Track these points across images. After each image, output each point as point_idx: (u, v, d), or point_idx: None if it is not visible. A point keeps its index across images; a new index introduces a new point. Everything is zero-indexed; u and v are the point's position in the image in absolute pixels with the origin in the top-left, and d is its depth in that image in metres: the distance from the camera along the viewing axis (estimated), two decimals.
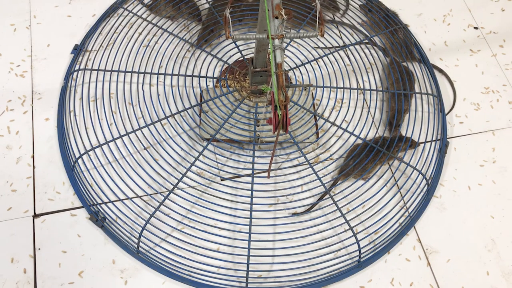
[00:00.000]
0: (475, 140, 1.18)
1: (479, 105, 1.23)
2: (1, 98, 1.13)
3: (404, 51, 1.24)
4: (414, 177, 1.09)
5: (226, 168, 1.07)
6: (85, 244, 0.98)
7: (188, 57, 1.20)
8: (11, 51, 1.20)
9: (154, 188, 1.03)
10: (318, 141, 1.10)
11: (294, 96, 1.11)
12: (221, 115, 1.09)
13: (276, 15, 0.73)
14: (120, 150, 1.06)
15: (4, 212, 1.00)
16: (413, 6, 1.37)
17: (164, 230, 0.99)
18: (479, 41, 1.33)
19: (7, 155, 1.07)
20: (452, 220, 1.07)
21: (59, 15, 1.26)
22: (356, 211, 1.04)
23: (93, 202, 1.01)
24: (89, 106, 1.11)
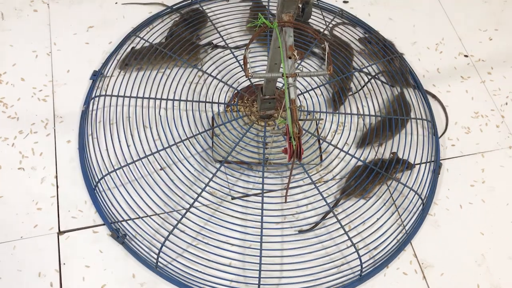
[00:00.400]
0: (466, 161, 1.27)
1: (469, 128, 1.33)
2: (25, 121, 1.21)
3: (400, 78, 1.33)
4: (410, 197, 1.18)
5: (236, 187, 1.16)
6: (107, 259, 1.06)
7: (200, 83, 1.29)
8: (33, 76, 1.27)
9: (170, 206, 1.11)
10: (321, 163, 1.19)
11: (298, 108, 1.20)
12: (232, 138, 1.17)
13: (289, 56, 0.82)
14: (139, 170, 1.14)
15: (30, 229, 1.08)
16: (407, 34, 1.47)
17: (180, 245, 1.07)
18: (469, 68, 1.43)
19: (32, 175, 1.14)
20: (446, 236, 1.16)
21: (78, 42, 1.34)
22: (357, 228, 1.12)
23: (114, 220, 1.09)
24: (110, 129, 1.19)
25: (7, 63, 1.29)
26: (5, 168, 1.14)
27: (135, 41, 1.34)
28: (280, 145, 1.18)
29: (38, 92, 1.25)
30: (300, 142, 0.77)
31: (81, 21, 1.37)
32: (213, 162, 1.18)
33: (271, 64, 1.01)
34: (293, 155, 0.77)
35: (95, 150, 1.16)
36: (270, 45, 0.97)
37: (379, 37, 1.40)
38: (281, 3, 0.84)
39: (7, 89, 1.25)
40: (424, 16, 1.51)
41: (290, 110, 0.79)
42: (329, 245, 1.09)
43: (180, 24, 1.34)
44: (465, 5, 1.55)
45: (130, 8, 1.41)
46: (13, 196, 1.11)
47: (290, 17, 0.85)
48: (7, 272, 1.02)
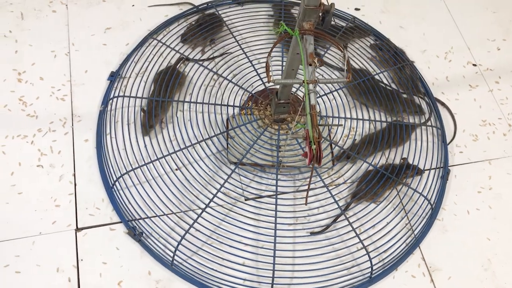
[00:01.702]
0: (473, 168, 1.30)
1: (477, 136, 1.35)
2: (44, 119, 1.23)
3: (410, 85, 1.36)
4: (419, 202, 1.20)
5: (249, 189, 1.18)
6: (123, 256, 1.08)
7: (215, 86, 1.32)
8: (52, 76, 1.30)
9: (186, 205, 1.14)
10: (333, 167, 1.22)
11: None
12: (247, 140, 1.20)
13: (310, 63, 0.85)
14: (156, 169, 1.16)
15: (49, 226, 1.10)
16: (418, 43, 1.50)
17: (196, 244, 1.09)
18: (477, 77, 1.46)
19: (51, 172, 1.17)
20: (453, 241, 1.19)
21: (96, 43, 1.37)
22: (367, 231, 1.15)
23: (131, 218, 1.11)
24: (127, 129, 1.21)
25: (26, 62, 1.31)
26: (24, 165, 1.17)
27: (151, 43, 1.37)
28: (293, 148, 1.21)
29: (57, 92, 1.28)
30: (320, 146, 0.80)
31: (98, 22, 1.40)
32: (227, 163, 1.20)
33: (288, 69, 1.04)
34: (313, 159, 0.80)
35: (113, 149, 1.19)
36: (289, 52, 1.00)
37: (390, 44, 1.43)
38: (303, 11, 0.87)
39: (27, 88, 1.27)
40: (433, 25, 1.54)
41: (310, 115, 0.82)
42: (339, 247, 1.12)
43: (195, 28, 1.37)
44: (474, 15, 1.58)
45: (146, 11, 1.44)
46: (32, 193, 1.14)
47: (311, 25, 0.88)
48: (26, 267, 1.05)
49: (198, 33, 1.35)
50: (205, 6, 1.44)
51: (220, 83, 1.32)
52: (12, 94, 1.26)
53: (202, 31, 1.35)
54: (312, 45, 0.87)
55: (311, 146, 0.80)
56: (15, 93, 1.26)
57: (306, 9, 0.86)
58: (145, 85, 1.29)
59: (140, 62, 1.33)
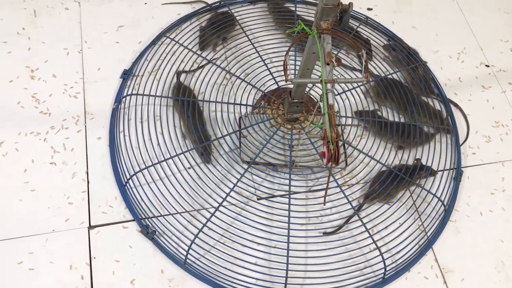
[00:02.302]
0: (486, 170, 1.29)
1: (490, 137, 1.35)
2: (57, 117, 1.23)
3: (423, 86, 1.36)
4: (432, 203, 1.20)
5: (262, 188, 1.18)
6: (136, 254, 1.08)
7: (228, 85, 1.31)
8: (64, 73, 1.30)
9: (199, 203, 1.14)
10: (346, 168, 1.21)
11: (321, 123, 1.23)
12: (259, 140, 1.20)
13: (327, 62, 0.85)
14: (169, 167, 1.16)
15: (62, 223, 1.10)
16: (430, 43, 1.49)
17: (208, 242, 1.09)
18: (490, 78, 1.46)
19: (64, 170, 1.17)
20: (466, 242, 1.18)
21: (108, 41, 1.37)
22: (380, 232, 1.14)
23: (144, 216, 1.11)
24: (141, 127, 1.21)
25: (39, 60, 1.31)
26: (37, 163, 1.17)
27: (164, 41, 1.36)
28: (306, 148, 1.21)
29: (69, 89, 1.28)
30: (338, 146, 0.79)
31: (111, 20, 1.40)
32: (240, 162, 1.20)
33: (304, 69, 1.04)
34: (331, 159, 0.79)
35: (126, 147, 1.19)
36: (304, 51, 1.00)
37: (404, 45, 1.42)
38: (321, 10, 0.87)
39: (40, 85, 1.28)
40: (446, 26, 1.54)
41: (328, 115, 0.81)
42: (352, 248, 1.12)
43: (208, 27, 1.36)
44: (487, 16, 1.57)
45: (158, 9, 1.44)
46: (45, 190, 1.14)
47: (329, 25, 0.88)
48: (39, 264, 1.05)
49: (211, 32, 1.35)
50: (217, 4, 1.43)
51: (232, 82, 1.32)
52: (25, 91, 1.26)
53: (215, 29, 1.35)
54: (330, 44, 0.87)
55: (329, 146, 0.79)
56: (28, 90, 1.26)
57: (325, 8, 0.85)
58: (158, 83, 1.29)
59: (153, 60, 1.33)
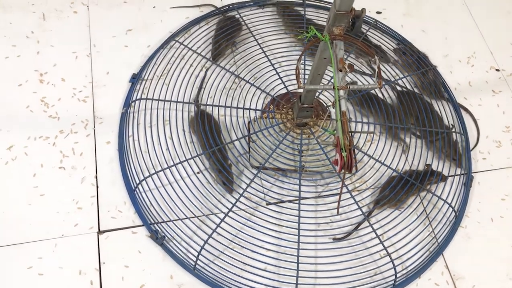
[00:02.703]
0: (497, 175, 1.28)
1: (500, 142, 1.34)
2: (66, 121, 1.23)
3: (433, 90, 1.35)
4: (443, 209, 1.19)
5: (271, 193, 1.17)
6: (146, 260, 1.08)
7: (235, 88, 1.31)
8: (73, 77, 1.30)
9: (208, 208, 1.13)
10: (356, 173, 1.20)
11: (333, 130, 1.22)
12: (269, 144, 1.19)
13: (340, 68, 0.84)
14: (179, 172, 1.16)
15: (71, 228, 1.10)
16: (439, 47, 1.48)
17: (218, 248, 1.09)
18: (500, 83, 1.45)
19: (73, 174, 1.17)
20: (477, 248, 1.17)
21: (117, 44, 1.36)
22: (390, 238, 1.13)
23: (153, 221, 1.11)
24: (150, 131, 1.21)
25: (48, 63, 1.31)
26: (46, 167, 1.17)
27: (173, 45, 1.36)
28: (316, 153, 1.20)
29: (78, 93, 1.28)
30: (351, 154, 0.79)
31: (120, 24, 1.40)
32: (249, 167, 1.20)
33: (314, 74, 1.03)
34: (344, 167, 0.79)
35: (137, 151, 1.18)
36: (315, 56, 0.99)
37: (414, 49, 1.41)
38: (333, 16, 0.86)
39: (48, 89, 1.27)
40: (456, 29, 1.53)
41: (341, 122, 0.81)
42: (363, 254, 1.11)
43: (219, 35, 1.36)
44: (497, 19, 1.56)
45: (167, 13, 1.43)
46: (54, 195, 1.13)
47: (341, 30, 0.87)
48: (49, 269, 1.05)
49: (223, 39, 1.34)
50: (226, 8, 1.43)
51: (241, 86, 1.31)
52: (34, 95, 1.26)
53: (223, 34, 1.34)
54: (342, 50, 0.86)
55: (342, 154, 0.79)
56: (37, 94, 1.26)
57: (337, 14, 0.85)
58: (168, 87, 1.28)
59: (162, 65, 1.33)
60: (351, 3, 0.83)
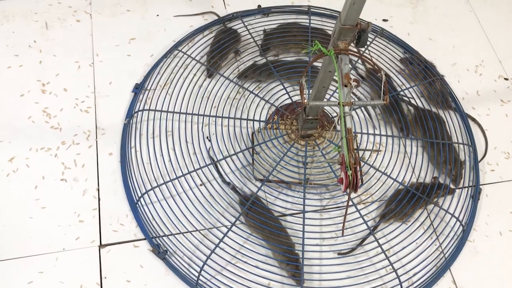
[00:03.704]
0: (505, 187, 1.26)
1: (509, 154, 1.31)
2: (68, 132, 1.22)
3: (440, 100, 1.32)
4: (451, 223, 1.16)
5: (275, 206, 1.15)
6: (147, 274, 1.06)
7: (239, 99, 1.29)
8: (76, 87, 1.29)
9: (210, 222, 1.11)
10: (362, 185, 1.18)
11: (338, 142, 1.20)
12: (273, 156, 1.17)
13: (345, 84, 0.82)
14: (181, 184, 1.14)
15: (72, 241, 1.09)
16: (447, 55, 1.46)
17: (220, 263, 1.07)
18: (509, 92, 1.42)
19: (74, 186, 1.15)
20: (485, 263, 1.15)
21: (120, 54, 1.35)
22: (397, 253, 1.11)
23: (155, 235, 1.09)
24: (153, 142, 1.19)
25: (50, 73, 1.30)
26: (48, 179, 1.16)
27: (176, 55, 1.34)
28: (321, 165, 1.18)
29: (81, 103, 1.27)
30: (357, 172, 0.77)
31: (123, 32, 1.38)
32: (252, 179, 1.18)
33: (319, 86, 1.01)
34: (349, 186, 0.77)
35: (139, 163, 1.17)
36: (320, 69, 0.97)
37: (421, 58, 1.39)
38: (338, 30, 0.84)
39: (50, 99, 1.26)
40: (464, 37, 1.50)
41: (346, 139, 0.79)
42: (369, 270, 1.09)
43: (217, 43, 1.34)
44: (506, 27, 1.54)
45: (171, 21, 1.42)
46: (56, 208, 1.12)
47: (346, 45, 0.85)
48: (49, 283, 1.04)
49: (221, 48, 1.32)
50: (230, 16, 1.41)
51: (245, 96, 1.30)
52: (36, 106, 1.25)
53: (224, 45, 1.32)
54: (348, 65, 0.84)
55: (347, 172, 0.77)
56: (39, 104, 1.25)
57: (343, 28, 0.83)
58: (170, 98, 1.27)
59: (166, 74, 1.31)
60: (357, 17, 0.81)
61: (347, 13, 0.80)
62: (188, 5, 1.45)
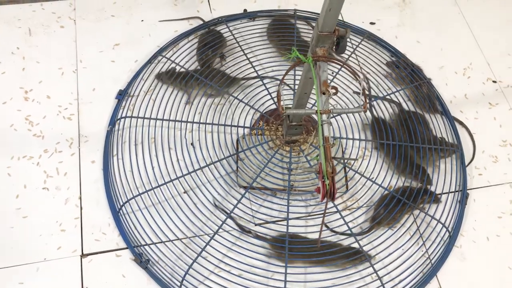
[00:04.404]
0: (493, 192, 1.25)
1: (497, 157, 1.30)
2: (50, 140, 1.21)
3: (427, 104, 1.31)
4: (436, 228, 1.15)
5: (260, 213, 1.14)
6: (129, 284, 1.05)
7: (226, 105, 1.28)
8: (59, 94, 1.27)
9: (193, 231, 1.10)
10: (347, 191, 1.17)
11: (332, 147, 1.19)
12: (257, 163, 1.16)
13: (323, 91, 0.81)
14: (163, 193, 1.13)
15: (54, 251, 1.07)
16: (435, 58, 1.45)
17: (202, 273, 1.05)
18: (497, 95, 1.41)
19: (56, 195, 1.14)
20: (472, 269, 1.13)
21: (104, 60, 1.34)
22: (382, 259, 1.10)
23: (137, 244, 1.08)
24: (135, 150, 1.18)
25: (33, 80, 1.29)
26: (30, 188, 1.14)
27: (161, 61, 1.33)
28: (306, 171, 1.17)
29: (64, 110, 1.25)
30: (334, 182, 0.75)
31: (107, 38, 1.37)
32: (236, 186, 1.17)
33: (301, 93, 1.00)
34: (326, 195, 0.75)
35: (120, 171, 1.16)
36: (301, 76, 0.96)
37: (407, 61, 1.38)
38: (316, 37, 0.83)
39: (33, 107, 1.25)
40: (452, 40, 1.49)
41: (323, 148, 0.77)
42: (354, 277, 1.08)
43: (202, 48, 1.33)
44: (494, 29, 1.52)
45: (156, 26, 1.41)
46: (37, 217, 1.11)
47: (325, 51, 0.84)
48: None
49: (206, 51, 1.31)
50: (215, 21, 1.40)
51: (230, 102, 1.28)
52: (18, 113, 1.24)
53: (210, 49, 1.31)
54: (326, 72, 0.83)
55: (324, 182, 0.76)
56: (21, 112, 1.24)
57: (320, 35, 0.82)
58: (154, 103, 1.26)
59: (149, 80, 1.30)
60: (334, 24, 0.80)
61: (324, 19, 0.79)
62: (174, 10, 1.44)
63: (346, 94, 1.31)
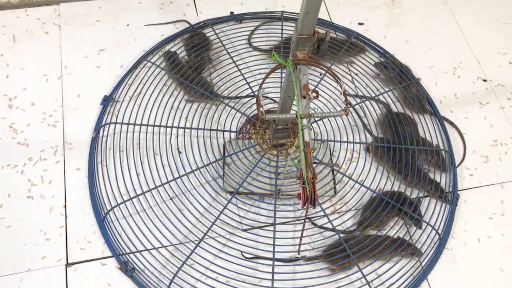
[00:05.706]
0: (484, 192, 1.23)
1: (488, 157, 1.28)
2: (35, 147, 1.19)
3: (416, 104, 1.30)
4: (426, 230, 1.14)
5: (246, 219, 1.12)
6: None
7: (212, 109, 1.26)
8: (43, 101, 1.26)
9: (179, 238, 1.09)
10: (335, 195, 1.16)
11: (313, 152, 1.17)
12: (244, 167, 1.15)
13: (304, 95, 0.79)
14: (148, 200, 1.12)
15: (38, 261, 1.06)
16: (424, 58, 1.43)
17: (188, 281, 1.04)
18: (487, 94, 1.39)
19: (41, 204, 1.12)
20: (463, 272, 1.12)
21: (89, 65, 1.32)
22: (372, 263, 1.08)
23: (123, 252, 1.07)
24: (119, 156, 1.17)
25: (18, 87, 1.28)
26: (14, 197, 1.13)
27: (146, 65, 1.32)
28: (293, 176, 1.15)
29: (48, 118, 1.24)
30: (315, 187, 0.74)
31: (92, 43, 1.36)
32: (223, 192, 1.15)
33: (285, 96, 0.98)
34: (307, 201, 0.74)
35: (105, 179, 1.14)
36: (284, 79, 0.95)
37: (396, 62, 1.36)
38: (296, 40, 0.82)
39: (18, 114, 1.24)
40: (441, 39, 1.47)
41: (304, 153, 0.76)
42: (343, 282, 1.06)
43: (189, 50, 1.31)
44: (484, 27, 1.51)
45: (141, 30, 1.39)
46: (22, 226, 1.10)
47: (305, 55, 0.82)
48: None
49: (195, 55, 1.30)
50: (201, 24, 1.39)
51: (217, 105, 1.27)
52: (2, 121, 1.22)
53: (196, 52, 1.30)
54: (307, 75, 0.82)
55: (304, 188, 0.74)
56: (5, 120, 1.23)
57: (300, 39, 0.80)
58: (138, 109, 1.24)
59: (134, 85, 1.29)
60: (312, 27, 0.78)
61: (302, 23, 0.77)
62: (159, 14, 1.43)
63: (334, 96, 1.30)
